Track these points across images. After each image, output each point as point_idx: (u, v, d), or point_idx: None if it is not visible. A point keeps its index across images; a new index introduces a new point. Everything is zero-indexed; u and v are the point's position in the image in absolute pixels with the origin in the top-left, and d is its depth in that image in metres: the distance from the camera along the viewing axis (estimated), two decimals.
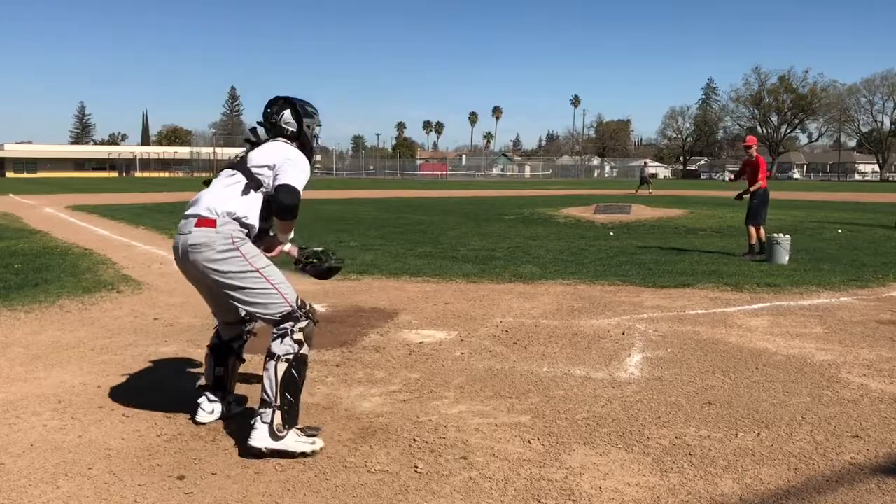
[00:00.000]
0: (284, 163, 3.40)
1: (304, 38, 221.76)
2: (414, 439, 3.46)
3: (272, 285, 3.32)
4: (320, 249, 3.81)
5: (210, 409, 3.69)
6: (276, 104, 3.62)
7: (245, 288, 3.29)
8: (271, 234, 3.62)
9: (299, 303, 3.38)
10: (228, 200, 3.34)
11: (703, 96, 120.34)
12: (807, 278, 8.12)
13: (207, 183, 3.57)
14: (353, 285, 7.79)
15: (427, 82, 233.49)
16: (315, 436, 3.34)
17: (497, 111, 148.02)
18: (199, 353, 5.01)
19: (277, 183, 3.35)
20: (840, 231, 14.21)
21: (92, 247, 11.24)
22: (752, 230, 10.00)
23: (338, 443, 3.42)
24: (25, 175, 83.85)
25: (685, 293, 7.29)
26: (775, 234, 9.72)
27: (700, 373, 4.56)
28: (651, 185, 37.77)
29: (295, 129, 3.60)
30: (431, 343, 5.30)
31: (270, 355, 3.29)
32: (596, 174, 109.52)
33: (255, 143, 3.60)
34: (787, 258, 9.35)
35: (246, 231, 3.37)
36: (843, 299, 7.02)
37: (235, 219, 3.32)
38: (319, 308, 6.50)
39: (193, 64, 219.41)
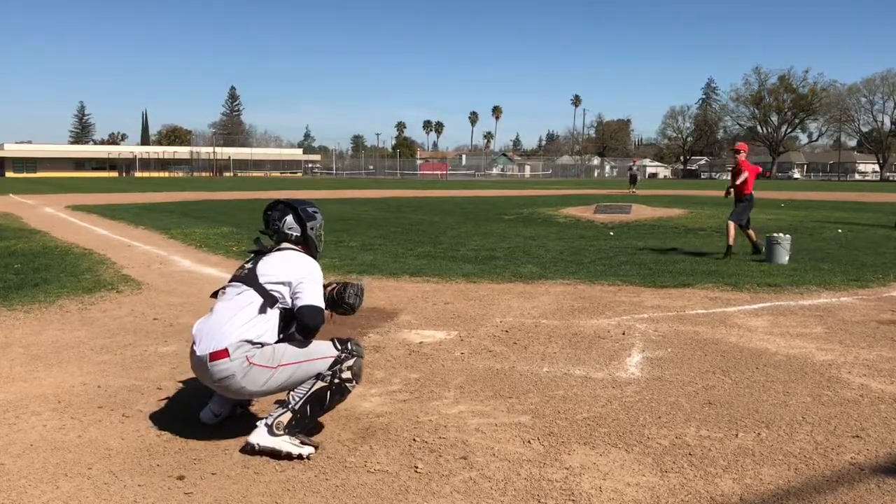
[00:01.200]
0: (304, 280, 3.39)
1: (304, 38, 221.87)
2: (414, 439, 3.46)
3: (300, 363, 3.31)
4: (339, 290, 3.74)
5: (218, 412, 3.66)
6: (277, 209, 3.63)
7: (280, 384, 3.31)
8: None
9: (338, 345, 3.39)
10: (242, 326, 3.28)
11: (703, 96, 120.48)
12: (807, 278, 8.12)
13: (215, 295, 3.52)
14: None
15: (427, 82, 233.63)
16: (308, 445, 3.30)
17: (497, 111, 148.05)
18: None
19: (301, 304, 3.35)
20: (840, 231, 14.21)
21: (92, 247, 11.24)
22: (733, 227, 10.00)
23: (338, 443, 3.42)
24: (25, 175, 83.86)
25: (685, 293, 7.29)
26: (775, 234, 9.72)
27: (700, 373, 4.56)
28: (634, 184, 37.68)
29: (299, 234, 3.61)
30: (431, 343, 5.30)
31: (319, 375, 3.32)
32: (596, 174, 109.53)
33: (260, 252, 3.58)
34: (787, 258, 9.35)
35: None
36: (843, 299, 7.02)
37: (249, 342, 3.27)
38: None
39: (193, 64, 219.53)
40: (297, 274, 3.41)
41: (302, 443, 3.28)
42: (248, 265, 3.52)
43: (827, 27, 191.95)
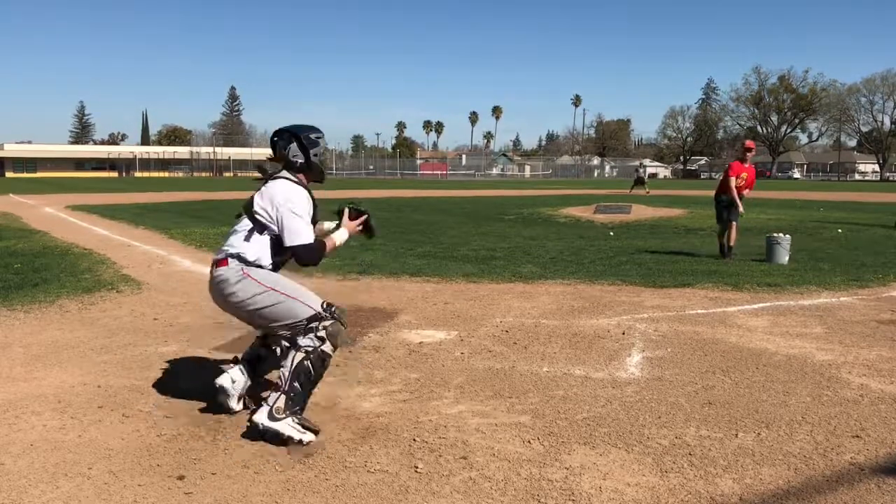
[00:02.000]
0: (284, 214, 3.57)
1: (304, 38, 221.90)
2: (414, 439, 3.46)
3: (288, 296, 3.54)
4: (353, 206, 4.06)
5: (237, 378, 3.80)
6: (283, 138, 3.78)
7: (265, 307, 3.53)
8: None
9: (325, 305, 3.59)
10: (240, 245, 3.61)
11: (703, 96, 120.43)
12: (807, 278, 8.12)
13: (239, 216, 3.77)
14: (353, 285, 7.79)
15: (427, 82, 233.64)
16: (311, 430, 3.44)
17: (497, 111, 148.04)
18: (200, 353, 5.02)
19: (291, 244, 3.57)
20: (840, 231, 14.21)
21: (92, 247, 11.23)
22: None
23: (338, 443, 3.42)
24: (25, 175, 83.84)
25: (685, 293, 7.29)
26: (775, 234, 9.72)
27: (700, 373, 4.56)
28: (641, 185, 37.68)
29: (303, 161, 3.76)
30: (431, 343, 5.30)
31: (294, 345, 3.53)
32: (596, 174, 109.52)
33: (264, 178, 3.77)
34: (787, 258, 9.35)
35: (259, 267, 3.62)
36: (843, 299, 7.02)
37: (245, 261, 3.59)
38: None
39: (193, 64, 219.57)
40: (278, 200, 3.60)
41: (304, 427, 3.42)
42: (254, 193, 3.75)
43: (827, 27, 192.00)
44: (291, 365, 3.45)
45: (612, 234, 13.76)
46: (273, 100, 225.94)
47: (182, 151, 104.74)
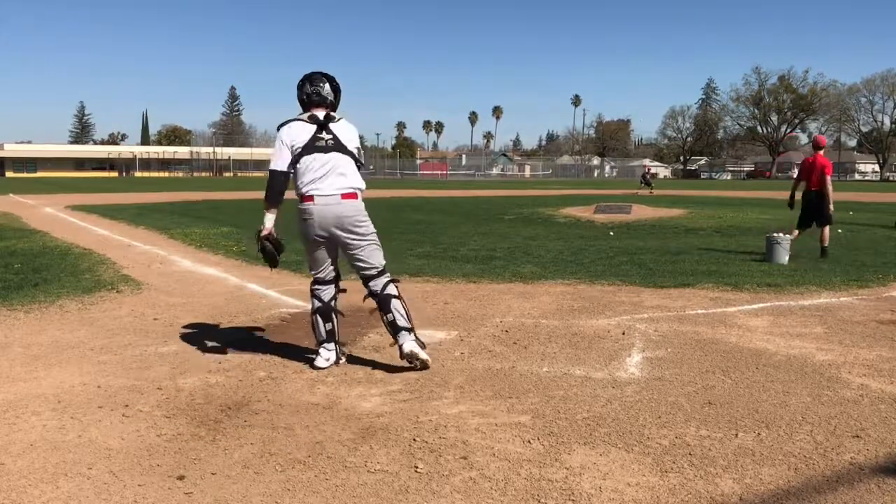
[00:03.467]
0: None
1: (304, 38, 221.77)
2: (414, 439, 3.46)
3: (378, 242, 4.63)
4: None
5: (327, 356, 4.62)
6: (315, 77, 4.56)
7: (373, 243, 4.60)
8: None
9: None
10: (360, 182, 4.63)
11: (703, 96, 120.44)
12: (807, 278, 8.12)
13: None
14: (354, 285, 7.77)
15: (427, 82, 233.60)
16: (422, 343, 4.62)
17: (497, 111, 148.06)
18: (200, 353, 5.02)
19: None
20: (840, 231, 14.19)
21: (92, 247, 11.23)
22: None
23: (338, 443, 3.42)
24: (25, 175, 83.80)
25: (685, 293, 7.29)
26: (775, 234, 9.73)
27: (700, 373, 4.56)
28: (649, 185, 37.83)
29: (332, 99, 4.59)
30: (431, 343, 5.30)
31: (390, 296, 4.54)
32: (596, 174, 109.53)
33: (323, 124, 4.52)
34: (787, 258, 9.36)
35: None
36: (843, 299, 7.01)
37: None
38: None
39: (193, 64, 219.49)
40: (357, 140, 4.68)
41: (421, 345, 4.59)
42: (327, 136, 4.50)
43: (827, 27, 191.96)
44: (404, 309, 4.53)
45: (612, 234, 13.76)
46: (273, 100, 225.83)
47: (182, 151, 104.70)
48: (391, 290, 4.55)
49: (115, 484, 2.99)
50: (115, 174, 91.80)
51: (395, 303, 4.52)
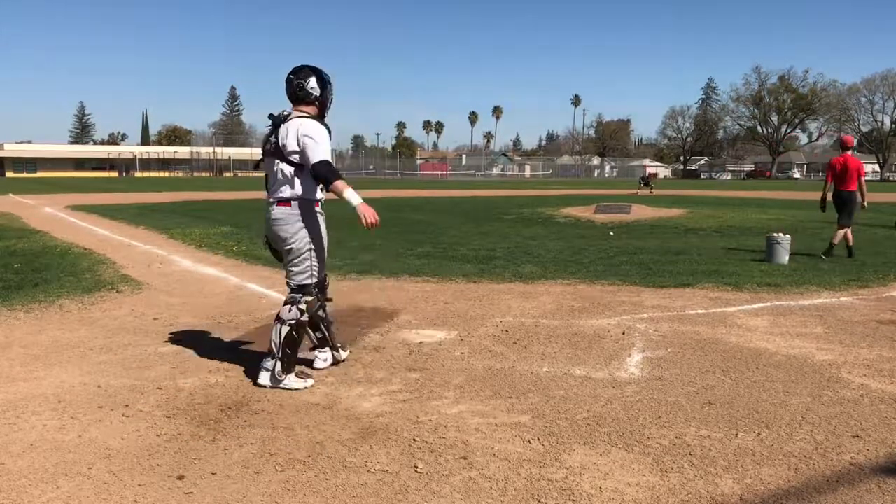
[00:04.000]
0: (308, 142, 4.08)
1: (304, 38, 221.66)
2: (414, 439, 3.46)
3: (311, 250, 4.27)
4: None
5: (324, 357, 4.60)
6: (301, 73, 4.23)
7: (302, 246, 4.24)
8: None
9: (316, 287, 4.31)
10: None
11: (703, 96, 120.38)
12: (807, 278, 8.12)
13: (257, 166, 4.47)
14: (353, 285, 7.79)
15: (427, 82, 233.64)
16: (309, 377, 4.29)
17: (497, 111, 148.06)
18: (200, 353, 5.02)
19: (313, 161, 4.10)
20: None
21: (92, 247, 11.23)
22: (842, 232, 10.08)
23: (338, 443, 3.42)
24: (25, 175, 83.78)
25: (685, 293, 7.29)
26: (775, 234, 9.73)
27: (700, 373, 4.56)
28: (649, 185, 37.88)
29: (318, 94, 4.24)
30: (431, 343, 5.30)
31: (279, 319, 4.23)
32: (596, 174, 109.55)
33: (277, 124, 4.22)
34: (787, 258, 9.36)
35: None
36: (843, 299, 7.01)
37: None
38: None
39: (193, 63, 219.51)
40: (304, 138, 4.09)
41: (306, 377, 4.28)
42: (273, 139, 4.21)
43: (827, 27, 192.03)
44: (280, 337, 4.17)
45: (612, 234, 13.75)
46: (273, 100, 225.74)
47: (182, 151, 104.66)
48: (287, 315, 4.22)
49: (115, 484, 2.99)
50: (115, 174, 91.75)
51: (282, 330, 4.19)
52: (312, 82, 4.22)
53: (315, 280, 4.29)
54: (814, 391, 4.20)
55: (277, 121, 4.21)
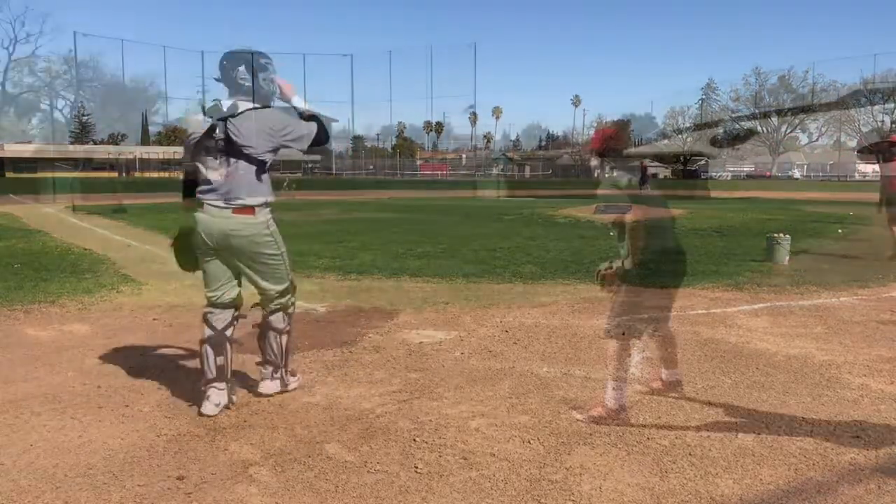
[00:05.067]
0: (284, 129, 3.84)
1: (303, 38, 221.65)
2: (414, 439, 3.46)
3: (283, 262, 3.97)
4: None
5: (217, 400, 3.80)
6: (231, 59, 3.78)
7: (277, 260, 3.91)
8: None
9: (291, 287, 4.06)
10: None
11: (703, 96, 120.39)
12: (807, 278, 8.11)
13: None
14: (353, 285, 7.78)
15: (427, 82, 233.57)
16: (295, 378, 4.24)
17: (497, 111, 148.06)
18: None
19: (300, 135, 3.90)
20: (840, 231, 14.21)
21: (92, 247, 11.23)
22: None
23: (338, 443, 3.42)
24: (25, 175, 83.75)
25: (685, 293, 7.28)
26: (775, 234, 9.73)
27: (700, 373, 4.56)
28: (647, 186, 37.85)
29: (249, 84, 3.77)
30: (431, 343, 5.30)
31: (274, 329, 4.04)
32: (596, 174, 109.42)
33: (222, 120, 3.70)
34: (787, 258, 9.35)
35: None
36: (843, 299, 7.01)
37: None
38: (319, 308, 6.50)
39: (193, 63, 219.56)
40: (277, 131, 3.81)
41: (293, 375, 4.23)
42: (219, 134, 3.68)
43: (827, 27, 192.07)
44: (283, 347, 4.07)
45: (612, 234, 13.73)
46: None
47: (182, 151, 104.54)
48: (281, 324, 4.04)
49: (114, 484, 2.99)
50: (115, 174, 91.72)
51: (277, 337, 4.03)
52: (242, 71, 3.76)
53: (290, 277, 4.01)
54: (814, 391, 4.20)
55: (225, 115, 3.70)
